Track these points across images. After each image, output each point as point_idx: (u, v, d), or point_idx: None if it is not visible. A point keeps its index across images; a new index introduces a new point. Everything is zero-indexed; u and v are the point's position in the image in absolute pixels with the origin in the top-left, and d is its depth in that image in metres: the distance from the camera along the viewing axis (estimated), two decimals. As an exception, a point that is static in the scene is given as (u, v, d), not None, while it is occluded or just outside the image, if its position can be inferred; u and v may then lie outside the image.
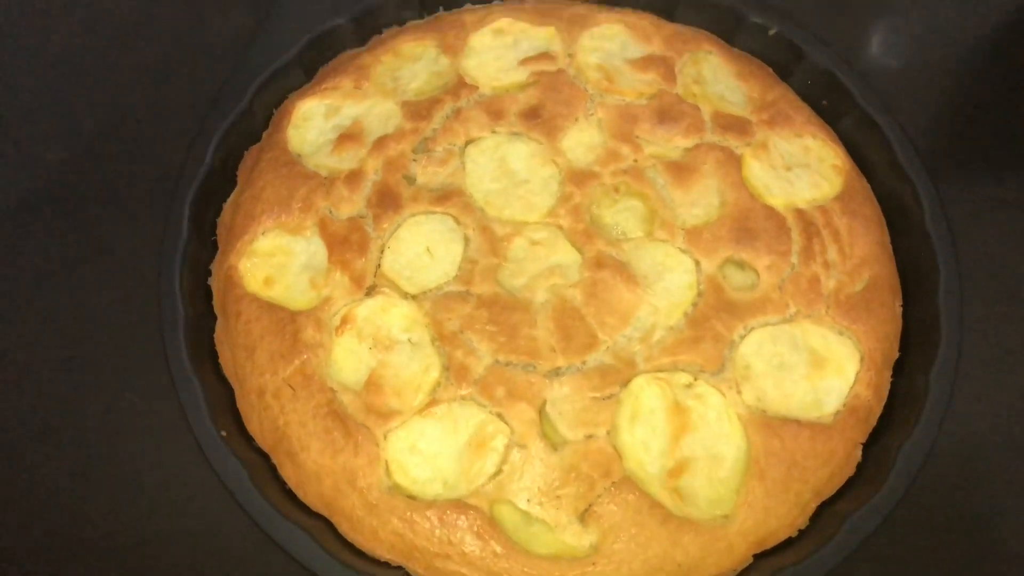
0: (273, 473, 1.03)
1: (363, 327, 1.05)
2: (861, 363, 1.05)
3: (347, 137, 1.20)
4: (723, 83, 1.27)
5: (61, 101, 1.29)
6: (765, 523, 0.96)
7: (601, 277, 1.07)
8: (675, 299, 1.07)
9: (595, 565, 0.93)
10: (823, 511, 1.00)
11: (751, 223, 1.12)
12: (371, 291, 1.08)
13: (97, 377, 1.08)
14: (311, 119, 1.24)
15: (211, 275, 1.16)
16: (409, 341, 1.05)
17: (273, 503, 0.97)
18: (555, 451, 0.97)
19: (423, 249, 1.11)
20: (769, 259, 1.10)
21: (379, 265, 1.10)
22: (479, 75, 1.26)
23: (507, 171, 1.17)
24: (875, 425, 1.05)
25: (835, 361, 1.05)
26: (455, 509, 0.94)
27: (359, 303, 1.07)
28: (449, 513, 0.94)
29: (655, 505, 0.95)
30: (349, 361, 1.04)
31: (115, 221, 1.18)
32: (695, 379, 1.02)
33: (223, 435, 1.01)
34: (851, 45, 1.33)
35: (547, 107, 1.21)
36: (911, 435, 1.01)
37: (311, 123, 1.24)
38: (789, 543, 0.99)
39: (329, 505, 0.99)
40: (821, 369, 1.04)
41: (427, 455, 0.98)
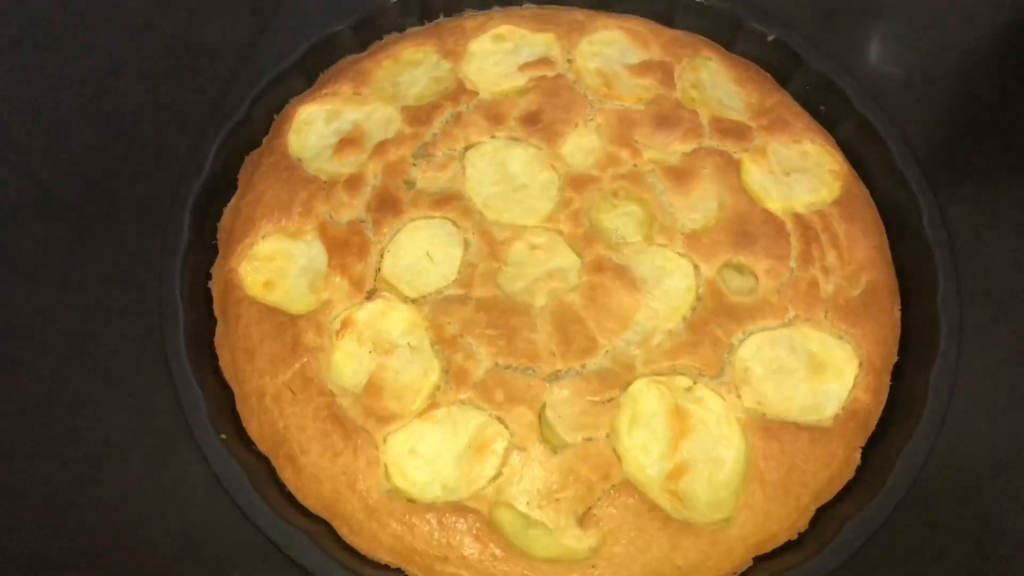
0: (273, 476, 1.03)
1: (363, 331, 1.06)
2: (860, 367, 1.05)
3: (347, 142, 1.21)
4: (722, 88, 1.28)
5: (64, 105, 1.29)
6: (765, 526, 0.96)
7: (600, 281, 1.08)
8: (674, 303, 1.08)
9: (595, 568, 0.93)
10: (823, 514, 1.00)
11: (750, 227, 1.13)
12: (371, 295, 1.08)
13: (97, 379, 1.08)
14: (312, 124, 1.25)
15: (211, 279, 1.16)
16: (409, 345, 1.05)
17: (273, 506, 0.97)
18: (554, 454, 0.97)
19: (423, 253, 1.11)
20: (768, 263, 1.10)
21: (379, 269, 1.10)
22: (479, 80, 1.26)
23: (506, 176, 1.18)
24: (874, 429, 1.05)
25: (834, 365, 1.05)
26: (454, 512, 0.94)
27: (359, 307, 1.07)
28: (448, 516, 0.94)
29: (655, 508, 0.95)
30: (349, 364, 1.04)
31: (116, 224, 1.19)
32: (694, 383, 1.02)
33: (223, 438, 1.01)
34: (849, 51, 1.34)
35: (546, 112, 1.21)
36: (910, 439, 1.01)
37: (312, 128, 1.24)
38: (789, 546, 0.99)
39: (329, 508, 0.99)
40: (820, 373, 1.04)
41: (427, 458, 0.98)
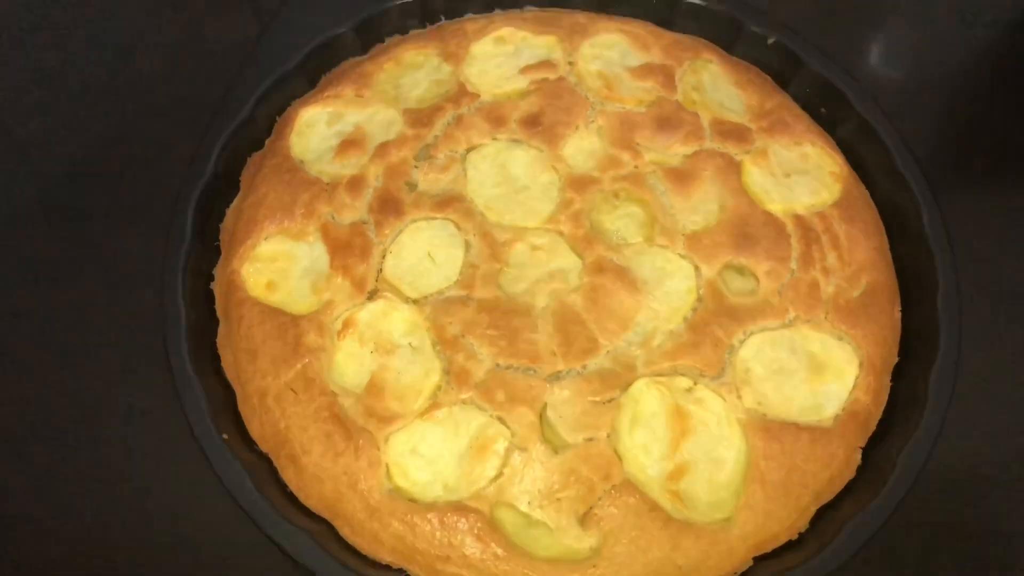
0: (275, 476, 1.03)
1: (364, 331, 1.06)
2: (860, 368, 1.05)
3: (349, 144, 1.21)
4: (722, 91, 1.28)
5: (67, 108, 1.30)
6: (765, 526, 0.97)
7: (601, 282, 1.08)
8: (675, 304, 1.08)
9: (596, 568, 0.93)
10: (823, 515, 1.00)
11: (751, 229, 1.13)
12: (373, 295, 1.09)
13: (100, 380, 1.08)
14: (314, 126, 1.25)
15: (214, 280, 1.17)
16: (410, 345, 1.05)
17: (274, 506, 0.97)
18: (556, 454, 0.97)
19: (424, 254, 1.11)
20: (769, 264, 1.10)
21: (381, 270, 1.10)
22: (480, 83, 1.27)
23: (508, 177, 1.18)
24: (875, 429, 1.05)
25: (834, 366, 1.05)
26: (456, 512, 0.94)
27: (361, 307, 1.07)
28: (450, 516, 0.94)
29: (655, 508, 0.95)
30: (350, 365, 1.05)
31: (119, 226, 1.19)
32: (695, 383, 1.02)
33: (225, 438, 1.02)
34: (849, 53, 1.35)
35: (548, 114, 1.22)
36: (910, 439, 1.01)
37: (314, 130, 1.25)
38: (789, 546, 0.99)
39: (330, 508, 0.99)
40: (820, 374, 1.05)
41: (428, 458, 0.99)
